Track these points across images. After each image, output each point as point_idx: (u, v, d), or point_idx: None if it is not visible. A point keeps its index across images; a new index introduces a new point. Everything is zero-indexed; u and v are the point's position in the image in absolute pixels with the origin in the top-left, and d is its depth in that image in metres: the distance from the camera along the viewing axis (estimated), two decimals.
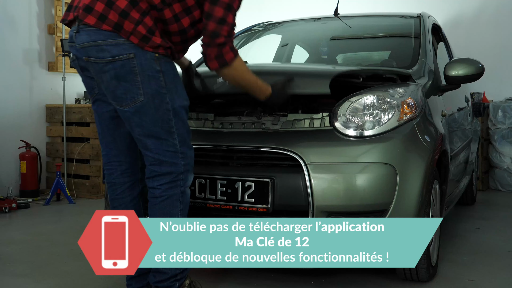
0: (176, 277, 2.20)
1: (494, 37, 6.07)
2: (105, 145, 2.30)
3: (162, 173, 2.13)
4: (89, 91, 2.25)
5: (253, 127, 2.59)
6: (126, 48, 2.00)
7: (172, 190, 2.14)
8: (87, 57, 2.06)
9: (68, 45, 2.17)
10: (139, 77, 2.03)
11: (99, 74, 2.07)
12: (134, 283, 2.32)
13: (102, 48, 2.01)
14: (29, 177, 5.30)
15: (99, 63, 2.04)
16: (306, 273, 2.76)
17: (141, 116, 2.07)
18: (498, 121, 5.66)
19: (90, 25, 2.01)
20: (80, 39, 2.05)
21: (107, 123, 2.25)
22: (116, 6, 1.99)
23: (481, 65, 3.19)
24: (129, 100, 2.05)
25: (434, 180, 2.64)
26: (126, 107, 2.07)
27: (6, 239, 3.60)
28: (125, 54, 2.00)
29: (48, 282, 2.71)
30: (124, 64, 2.01)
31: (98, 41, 2.01)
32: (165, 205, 2.14)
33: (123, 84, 2.04)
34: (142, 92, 2.04)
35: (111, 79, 2.04)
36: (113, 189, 2.31)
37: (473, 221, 4.13)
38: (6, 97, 5.39)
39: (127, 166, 2.29)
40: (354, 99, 2.50)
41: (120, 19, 1.99)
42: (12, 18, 5.47)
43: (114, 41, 2.00)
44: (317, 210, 2.28)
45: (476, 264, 2.99)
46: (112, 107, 2.19)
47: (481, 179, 5.66)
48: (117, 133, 2.26)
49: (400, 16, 3.85)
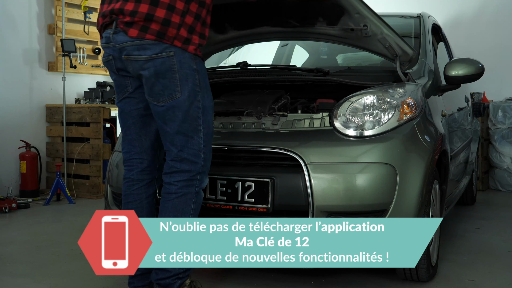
0: (179, 276, 2.22)
1: (494, 37, 6.07)
2: (127, 142, 2.34)
3: (181, 170, 2.18)
4: (119, 90, 2.31)
5: (253, 127, 2.59)
6: (166, 46, 2.09)
7: (187, 188, 2.18)
8: (127, 55, 2.12)
9: (103, 46, 2.25)
10: (178, 74, 2.11)
11: (138, 72, 2.14)
12: (136, 282, 2.32)
13: (144, 47, 2.09)
14: (29, 177, 5.30)
15: (139, 61, 2.11)
16: (306, 273, 2.77)
17: (176, 112, 2.14)
18: (498, 121, 5.66)
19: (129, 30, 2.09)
20: (120, 39, 2.12)
21: (134, 120, 2.31)
22: (157, 17, 2.06)
23: (481, 65, 3.19)
24: (167, 96, 2.13)
25: (434, 180, 2.64)
26: (163, 102, 2.13)
27: (6, 239, 3.60)
28: (165, 52, 2.09)
29: (48, 282, 2.71)
30: (164, 61, 2.09)
31: (140, 40, 2.08)
32: (179, 202, 2.18)
33: (161, 81, 2.11)
34: (179, 89, 2.13)
35: (150, 76, 2.11)
36: (130, 185, 2.33)
37: (473, 221, 4.12)
38: (6, 97, 5.39)
39: (147, 164, 2.34)
40: (354, 99, 2.51)
41: (163, 28, 2.07)
42: (12, 18, 5.47)
43: (155, 41, 2.09)
44: (317, 210, 2.28)
45: (476, 264, 2.99)
46: (141, 105, 2.27)
47: (481, 179, 5.66)
48: (143, 131, 2.31)
49: (400, 16, 3.85)
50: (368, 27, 2.72)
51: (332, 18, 2.84)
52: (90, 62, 6.14)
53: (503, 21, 6.05)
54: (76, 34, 5.94)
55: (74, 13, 5.93)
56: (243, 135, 2.55)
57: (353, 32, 2.83)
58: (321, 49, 4.15)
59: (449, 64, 3.22)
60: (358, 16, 2.71)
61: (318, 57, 4.17)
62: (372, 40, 2.79)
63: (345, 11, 2.71)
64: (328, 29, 2.93)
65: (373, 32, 2.74)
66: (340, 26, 2.84)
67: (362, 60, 3.97)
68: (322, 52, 4.17)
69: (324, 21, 2.87)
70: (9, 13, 5.44)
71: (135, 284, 2.32)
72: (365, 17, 2.68)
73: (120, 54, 2.16)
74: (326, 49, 4.14)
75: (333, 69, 3.16)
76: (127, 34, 2.09)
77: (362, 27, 2.73)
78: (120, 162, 2.79)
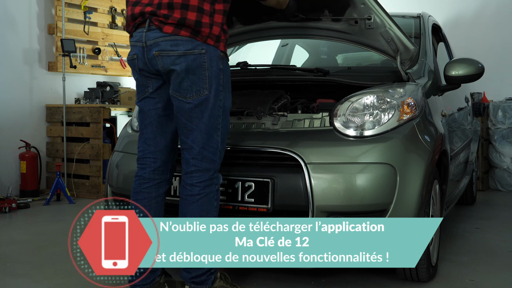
0: (211, 271, 2.26)
1: (494, 37, 6.07)
2: (143, 141, 2.36)
3: (202, 168, 2.21)
4: (140, 89, 2.34)
5: (253, 127, 2.59)
6: (199, 44, 2.16)
7: (209, 188, 2.22)
8: (159, 51, 2.16)
9: (131, 44, 2.29)
10: (207, 72, 2.18)
11: (169, 67, 2.18)
12: (139, 281, 2.31)
13: (177, 43, 2.15)
14: (29, 177, 5.29)
15: (171, 56, 2.16)
16: (306, 273, 2.77)
17: (201, 109, 2.19)
18: (498, 121, 5.66)
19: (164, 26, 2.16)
20: (153, 35, 2.18)
21: (152, 120, 2.33)
22: (189, 20, 2.13)
23: (481, 65, 3.19)
24: (194, 92, 2.18)
25: (434, 180, 2.63)
26: (190, 99, 2.18)
27: (6, 239, 3.60)
28: (197, 49, 2.15)
29: (48, 282, 2.71)
30: (196, 58, 2.15)
31: (174, 36, 2.15)
32: (203, 202, 2.21)
33: (191, 77, 2.16)
34: (207, 87, 2.18)
35: (181, 71, 2.16)
36: (140, 183, 2.34)
37: (473, 221, 4.13)
38: (6, 97, 5.39)
39: (160, 164, 2.35)
40: (354, 99, 2.51)
41: (196, 28, 2.15)
42: (12, 18, 5.47)
43: (188, 38, 2.15)
44: (317, 210, 2.28)
45: (476, 264, 2.99)
46: (160, 105, 2.30)
47: (481, 179, 5.66)
48: (159, 131, 2.34)
49: (400, 16, 3.84)
50: (372, 19, 2.73)
51: (337, 10, 2.85)
52: (90, 62, 6.14)
53: (503, 21, 6.05)
54: (76, 34, 5.94)
55: (74, 13, 5.93)
56: (243, 135, 2.55)
57: (357, 25, 2.84)
58: (321, 49, 4.15)
59: (449, 64, 3.22)
60: (363, 7, 2.73)
61: (318, 57, 4.17)
62: (375, 33, 2.79)
63: (351, 1, 2.72)
64: (332, 24, 2.93)
65: (377, 24, 2.75)
66: (345, 18, 2.85)
67: (362, 60, 3.97)
68: (322, 52, 4.17)
69: (330, 13, 2.88)
70: (9, 13, 5.44)
71: (137, 283, 2.30)
72: (370, 8, 2.70)
73: (151, 51, 2.19)
74: (326, 49, 4.14)
75: (333, 69, 3.16)
76: (161, 30, 2.16)
77: (366, 18, 2.74)
78: (120, 162, 2.80)
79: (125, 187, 2.68)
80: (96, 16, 6.21)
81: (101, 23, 6.29)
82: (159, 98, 2.31)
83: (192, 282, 2.25)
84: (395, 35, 2.75)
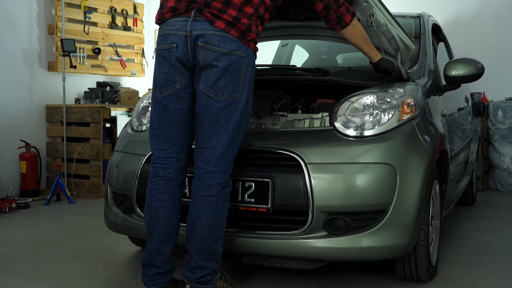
0: (215, 271, 2.27)
1: (494, 37, 6.07)
2: (165, 140, 2.31)
3: (222, 170, 2.22)
4: (166, 83, 2.27)
5: (253, 127, 2.59)
6: (242, 46, 2.20)
7: (225, 189, 2.24)
8: (204, 43, 2.16)
9: (168, 33, 2.23)
10: (243, 75, 2.21)
11: (210, 62, 2.17)
12: (158, 279, 2.30)
13: (225, 40, 2.16)
14: (29, 177, 5.30)
15: (216, 52, 2.16)
16: (306, 273, 2.77)
17: (231, 111, 2.20)
18: (498, 121, 5.67)
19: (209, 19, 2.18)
20: (200, 26, 2.18)
21: (177, 120, 2.29)
22: (242, 22, 2.18)
23: (481, 65, 3.19)
24: (228, 92, 2.19)
25: (434, 180, 2.64)
26: (222, 98, 2.19)
27: (6, 239, 3.60)
28: (240, 51, 2.19)
29: (48, 282, 2.71)
30: (237, 59, 2.19)
31: (224, 32, 2.16)
32: (219, 203, 2.22)
33: (228, 77, 2.18)
34: (240, 90, 2.21)
35: (222, 69, 2.17)
36: (165, 183, 2.31)
37: (473, 221, 4.13)
38: (6, 97, 5.39)
39: (183, 163, 2.35)
40: (354, 99, 2.51)
41: (245, 31, 2.19)
42: (12, 18, 5.47)
43: (236, 38, 2.19)
44: (317, 210, 2.28)
45: (476, 264, 2.99)
46: (186, 105, 2.28)
47: (481, 179, 5.66)
48: (184, 130, 2.32)
49: (400, 16, 3.84)
50: (375, 16, 2.74)
51: None
52: (90, 62, 6.14)
53: (503, 21, 6.05)
54: (76, 34, 5.95)
55: (74, 13, 5.93)
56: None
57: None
58: (321, 49, 4.16)
59: (449, 64, 3.22)
60: (366, 5, 2.74)
61: (318, 57, 4.17)
62: (376, 31, 2.79)
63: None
64: None
65: (378, 22, 2.76)
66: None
67: (362, 60, 3.97)
68: (322, 52, 4.17)
69: None
70: (9, 13, 5.44)
71: (156, 282, 2.30)
72: (373, 6, 2.71)
73: (187, 43, 2.18)
74: (326, 49, 4.14)
75: (333, 69, 3.16)
76: (212, 23, 2.16)
77: (369, 15, 2.75)
78: (120, 162, 2.79)
79: (125, 187, 2.68)
80: (96, 16, 6.21)
81: (101, 23, 6.29)
82: (186, 97, 2.28)
83: (197, 283, 2.24)
84: (396, 34, 2.75)
